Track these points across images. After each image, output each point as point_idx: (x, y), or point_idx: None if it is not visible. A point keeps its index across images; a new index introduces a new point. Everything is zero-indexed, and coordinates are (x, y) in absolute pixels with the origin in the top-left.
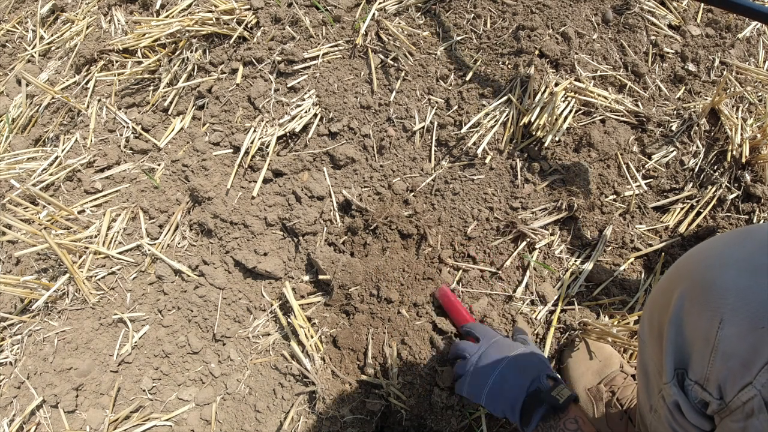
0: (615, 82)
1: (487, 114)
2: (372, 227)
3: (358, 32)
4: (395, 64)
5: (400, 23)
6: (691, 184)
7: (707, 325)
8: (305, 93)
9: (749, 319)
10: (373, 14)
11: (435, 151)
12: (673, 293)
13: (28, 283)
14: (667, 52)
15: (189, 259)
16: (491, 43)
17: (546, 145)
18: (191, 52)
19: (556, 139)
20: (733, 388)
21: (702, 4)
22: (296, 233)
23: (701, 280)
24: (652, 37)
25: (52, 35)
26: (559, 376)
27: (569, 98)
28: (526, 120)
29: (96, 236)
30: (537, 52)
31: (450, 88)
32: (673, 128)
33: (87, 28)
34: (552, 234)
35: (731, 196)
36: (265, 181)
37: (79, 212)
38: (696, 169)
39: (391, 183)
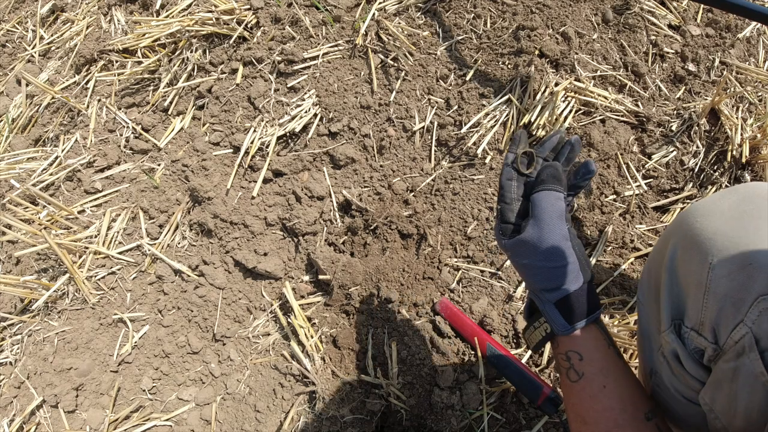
0: (615, 82)
1: (487, 114)
2: (372, 227)
3: (358, 32)
4: (395, 64)
5: (400, 23)
6: (691, 184)
7: (698, 268)
8: (305, 93)
9: (737, 257)
10: (373, 14)
11: (435, 151)
12: (666, 247)
13: (28, 283)
14: (667, 52)
15: (189, 259)
16: (491, 43)
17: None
18: (191, 52)
19: None
20: (726, 329)
21: (702, 5)
22: (296, 233)
23: (690, 229)
24: (652, 37)
25: (52, 35)
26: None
27: (569, 98)
28: (526, 120)
29: (96, 236)
30: (537, 52)
31: (450, 88)
32: (673, 128)
33: (87, 28)
34: None
35: None
36: (265, 181)
37: (79, 212)
38: (696, 169)
39: (391, 183)
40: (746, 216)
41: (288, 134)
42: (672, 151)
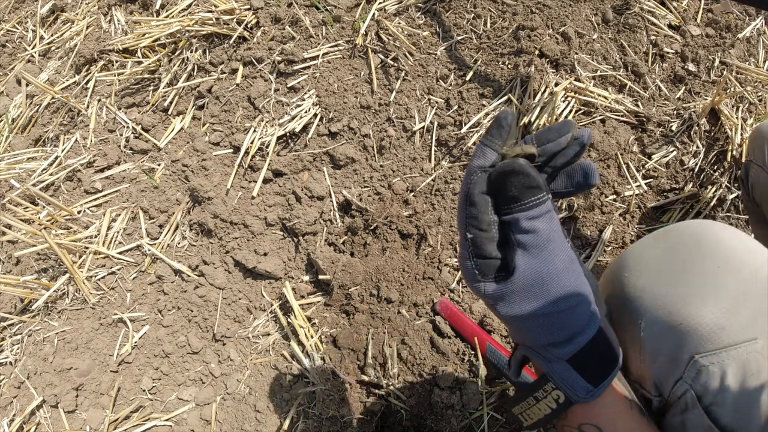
0: (615, 82)
1: (487, 114)
2: (372, 227)
3: (358, 32)
4: (395, 64)
5: (400, 23)
6: (691, 184)
7: (630, 327)
8: (305, 93)
9: (666, 317)
10: (373, 14)
11: (435, 151)
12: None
13: (28, 283)
14: (667, 52)
15: (189, 259)
16: (491, 43)
17: None
18: (191, 52)
19: None
20: (668, 384)
21: (701, 4)
22: (296, 233)
23: (619, 285)
24: (652, 37)
25: (52, 35)
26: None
27: (569, 98)
28: (526, 120)
29: (96, 236)
30: (537, 52)
31: (450, 88)
32: (673, 128)
33: (87, 28)
34: None
35: (731, 196)
36: (265, 181)
37: (79, 212)
38: (696, 169)
39: (391, 183)
40: (673, 269)
41: (288, 134)
42: (672, 151)
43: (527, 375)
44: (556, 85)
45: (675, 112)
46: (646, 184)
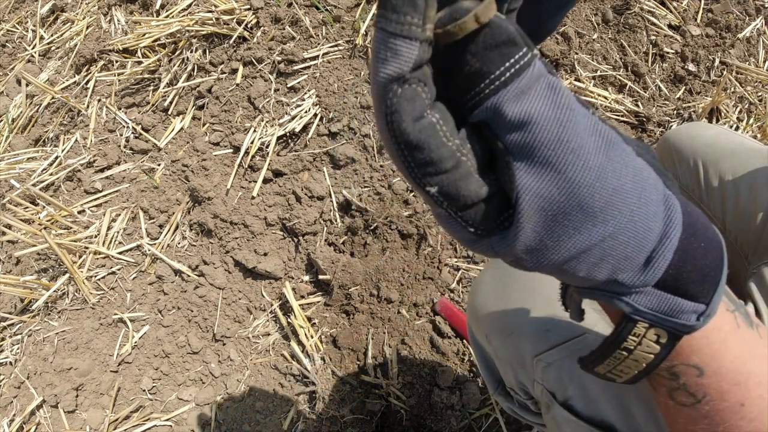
0: (615, 82)
1: None
2: (372, 227)
3: (358, 32)
4: None
5: None
6: None
7: (484, 341)
8: (305, 93)
9: (501, 329)
10: (373, 14)
11: None
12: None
13: (28, 283)
14: (667, 52)
15: (189, 259)
16: None
17: None
18: (191, 52)
19: None
20: (530, 386)
21: (701, 4)
22: (296, 233)
23: (471, 307)
24: (652, 37)
25: (52, 35)
26: None
27: None
28: None
29: (96, 236)
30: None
31: None
32: (673, 128)
33: (87, 28)
34: None
35: None
36: (265, 181)
37: (79, 212)
38: None
39: (391, 183)
40: (505, 286)
41: (288, 134)
42: None
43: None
44: None
45: (675, 112)
46: None
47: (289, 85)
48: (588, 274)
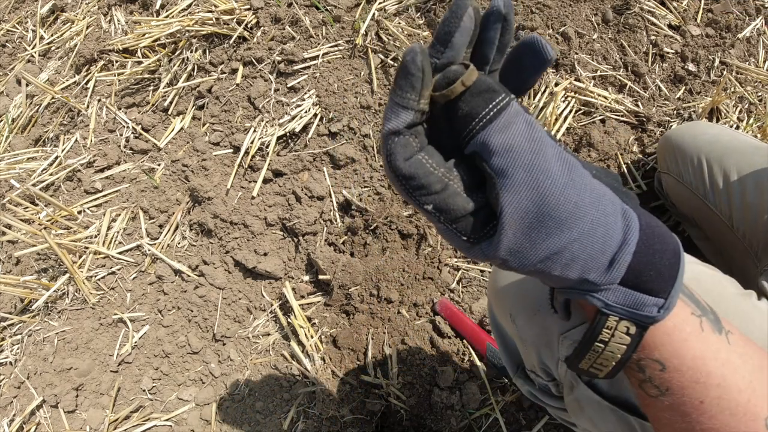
0: (615, 82)
1: None
2: (372, 227)
3: (358, 32)
4: (395, 64)
5: (400, 23)
6: None
7: (507, 322)
8: (305, 93)
9: (528, 307)
10: (373, 14)
11: None
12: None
13: (28, 283)
14: (667, 52)
15: (189, 259)
16: None
17: None
18: (191, 52)
19: (556, 139)
20: (554, 366)
21: (701, 4)
22: (296, 233)
23: (494, 287)
24: (652, 37)
25: (52, 35)
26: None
27: (569, 98)
28: None
29: (96, 236)
30: None
31: None
32: (674, 127)
33: (87, 28)
34: None
35: None
36: (265, 181)
37: (79, 212)
38: None
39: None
40: None
41: (288, 134)
42: None
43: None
44: (556, 85)
45: (675, 112)
46: (646, 184)
47: (289, 85)
48: (562, 273)
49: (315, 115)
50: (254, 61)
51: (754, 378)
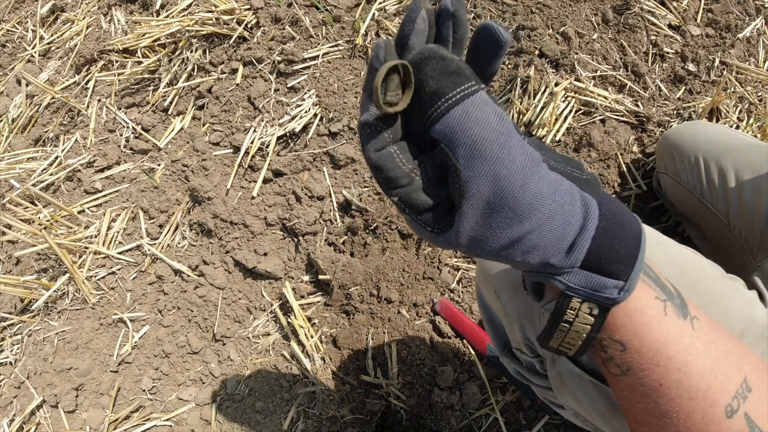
0: (615, 82)
1: None
2: (372, 227)
3: (358, 32)
4: None
5: (400, 23)
6: None
7: (493, 299)
8: (305, 93)
9: (512, 282)
10: (373, 14)
11: None
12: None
13: (28, 283)
14: (667, 52)
15: (189, 259)
16: None
17: (546, 145)
18: (191, 52)
19: (556, 139)
20: (535, 341)
21: (701, 4)
22: (296, 233)
23: (481, 266)
24: (652, 37)
25: (52, 35)
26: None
27: (569, 98)
28: (526, 120)
29: (96, 236)
30: (537, 52)
31: None
32: (674, 126)
33: (87, 28)
34: None
35: None
36: (265, 181)
37: (79, 212)
38: None
39: None
40: None
41: (288, 134)
42: None
43: None
44: (556, 85)
45: (675, 112)
46: (646, 184)
47: (289, 85)
48: (523, 260)
49: (315, 115)
50: (254, 61)
51: (716, 365)
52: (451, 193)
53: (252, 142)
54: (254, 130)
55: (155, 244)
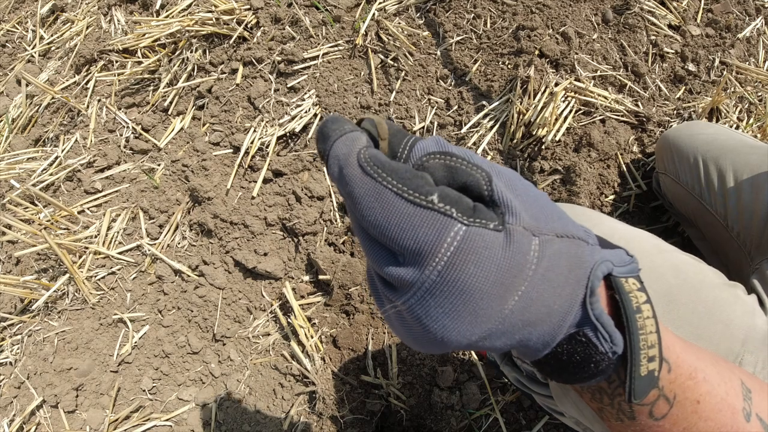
0: (615, 82)
1: (486, 114)
2: None
3: (358, 32)
4: (395, 64)
5: (400, 23)
6: None
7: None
8: (305, 93)
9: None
10: (373, 14)
11: None
12: None
13: (28, 283)
14: (667, 52)
15: (189, 259)
16: (491, 43)
17: (546, 145)
18: (191, 52)
19: (556, 139)
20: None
21: (701, 4)
22: (296, 233)
23: None
24: (652, 37)
25: (52, 35)
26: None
27: (569, 98)
28: (526, 120)
29: (96, 236)
30: (537, 52)
31: (450, 88)
32: (673, 126)
33: (87, 28)
34: None
35: None
36: (265, 181)
37: (79, 212)
38: None
39: None
40: None
41: (288, 134)
42: None
43: None
44: (556, 85)
45: (675, 112)
46: (646, 184)
47: (289, 85)
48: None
49: (315, 115)
50: (254, 61)
51: (719, 369)
52: None
53: (252, 142)
54: (254, 130)
55: (155, 244)
